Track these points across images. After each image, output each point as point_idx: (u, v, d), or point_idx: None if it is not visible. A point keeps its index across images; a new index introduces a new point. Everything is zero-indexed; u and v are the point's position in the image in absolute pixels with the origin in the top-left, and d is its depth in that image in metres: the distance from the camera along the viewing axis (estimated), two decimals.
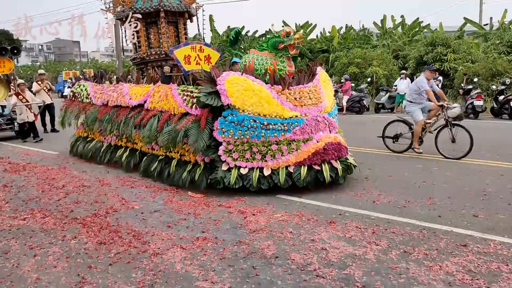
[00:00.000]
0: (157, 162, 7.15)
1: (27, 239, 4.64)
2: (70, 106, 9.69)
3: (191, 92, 6.58)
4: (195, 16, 9.37)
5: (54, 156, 9.81)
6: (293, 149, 6.07)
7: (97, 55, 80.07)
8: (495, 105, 15.51)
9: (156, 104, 7.22)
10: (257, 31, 32.86)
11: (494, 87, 16.31)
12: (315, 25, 30.39)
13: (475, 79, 17.54)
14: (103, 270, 3.84)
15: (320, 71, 7.10)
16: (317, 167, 6.13)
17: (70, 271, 3.84)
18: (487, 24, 28.43)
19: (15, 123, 11.96)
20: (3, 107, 12.23)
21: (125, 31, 8.77)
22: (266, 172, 5.97)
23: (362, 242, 4.38)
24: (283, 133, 6.05)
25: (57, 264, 4.00)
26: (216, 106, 5.95)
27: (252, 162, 6.01)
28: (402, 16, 29.61)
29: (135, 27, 8.50)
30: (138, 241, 4.45)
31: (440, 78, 17.93)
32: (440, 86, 17.65)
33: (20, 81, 12.25)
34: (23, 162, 9.05)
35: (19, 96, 11.60)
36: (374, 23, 29.69)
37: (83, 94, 9.41)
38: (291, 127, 6.08)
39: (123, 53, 34.49)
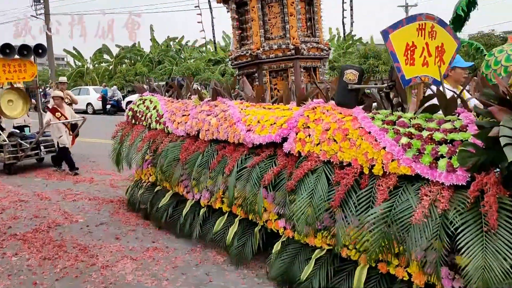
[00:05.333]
0: (312, 262, 3.27)
1: None
2: (128, 134, 5.76)
3: (419, 128, 2.80)
4: None
5: None
6: None
7: None
8: None
9: (315, 148, 3.31)
10: (196, 40, 32.94)
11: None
12: None
13: None
14: (49, 286, 3.69)
15: None
16: None
17: None
18: None
19: (42, 148, 9.15)
20: (25, 127, 9.48)
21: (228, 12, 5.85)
22: None
23: None
24: None
25: None
26: None
27: None
28: (337, 29, 30.92)
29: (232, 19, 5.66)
30: (85, 254, 4.30)
31: None
32: None
33: (56, 93, 9.31)
34: None
35: (56, 113, 8.69)
36: None
37: (152, 116, 5.44)
38: None
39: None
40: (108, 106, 23.00)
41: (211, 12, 6.25)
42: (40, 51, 9.00)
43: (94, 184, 7.32)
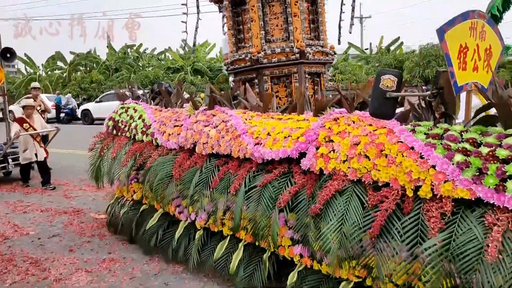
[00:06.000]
0: None
1: None
2: (109, 146, 5.07)
3: (474, 143, 2.37)
4: None
5: None
6: None
7: None
8: None
9: (341, 165, 2.80)
10: (155, 48, 32.36)
11: None
12: (214, 44, 30.81)
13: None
14: None
15: None
16: None
17: None
18: (367, 49, 31.00)
19: (10, 161, 8.04)
20: None
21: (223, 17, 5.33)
22: None
23: None
24: None
25: None
26: None
27: None
28: None
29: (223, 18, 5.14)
30: (36, 268, 4.17)
31: None
32: None
33: (27, 101, 8.13)
34: None
35: (24, 124, 7.56)
36: None
37: (137, 126, 4.79)
38: None
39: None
40: (62, 115, 21.88)
41: (198, 13, 5.58)
42: (8, 55, 8.15)
43: (46, 195, 6.91)
